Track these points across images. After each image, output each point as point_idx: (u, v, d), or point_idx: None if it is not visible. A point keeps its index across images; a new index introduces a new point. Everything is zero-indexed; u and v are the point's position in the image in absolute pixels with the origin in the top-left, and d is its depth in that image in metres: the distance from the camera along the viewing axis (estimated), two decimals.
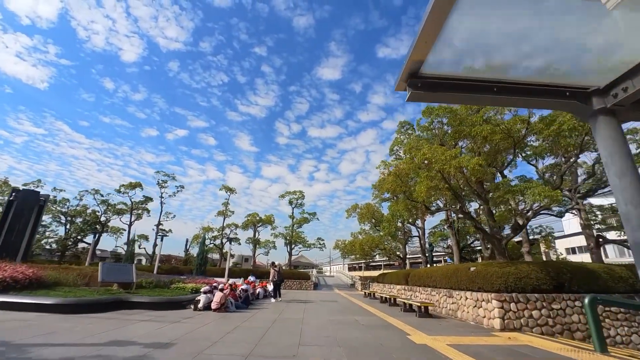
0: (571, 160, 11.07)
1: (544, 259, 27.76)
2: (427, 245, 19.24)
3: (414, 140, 12.55)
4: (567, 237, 28.95)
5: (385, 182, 13.53)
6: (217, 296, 10.15)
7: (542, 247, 25.53)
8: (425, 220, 21.03)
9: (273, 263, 16.59)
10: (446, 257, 29.08)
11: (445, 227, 16.72)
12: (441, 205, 15.68)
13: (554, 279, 9.06)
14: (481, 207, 13.96)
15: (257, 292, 16.27)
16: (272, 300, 15.68)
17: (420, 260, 54.80)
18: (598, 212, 17.04)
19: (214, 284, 11.31)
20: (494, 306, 8.51)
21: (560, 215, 12.22)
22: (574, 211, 14.15)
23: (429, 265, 19.55)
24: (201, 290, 10.79)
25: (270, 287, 17.32)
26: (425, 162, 9.92)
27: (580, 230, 27.84)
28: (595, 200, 18.23)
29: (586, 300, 6.42)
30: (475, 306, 9.40)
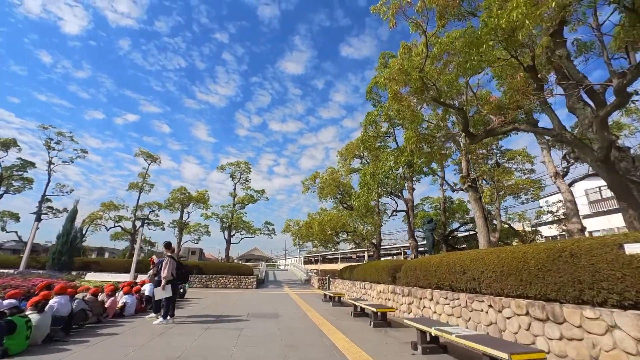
0: None
1: None
2: (425, 224, 12.83)
3: None
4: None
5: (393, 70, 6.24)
6: None
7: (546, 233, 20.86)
8: (413, 190, 14.52)
9: (169, 245, 8.63)
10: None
11: (462, 188, 10.54)
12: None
13: None
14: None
15: (120, 303, 8.44)
16: (152, 317, 8.00)
17: (393, 251, 49.58)
18: None
19: None
20: None
21: None
22: None
23: (424, 255, 13.24)
24: None
25: (147, 289, 9.49)
26: None
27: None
28: None
29: None
30: None
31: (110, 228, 25.84)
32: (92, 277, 20.41)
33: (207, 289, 20.87)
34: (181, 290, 13.83)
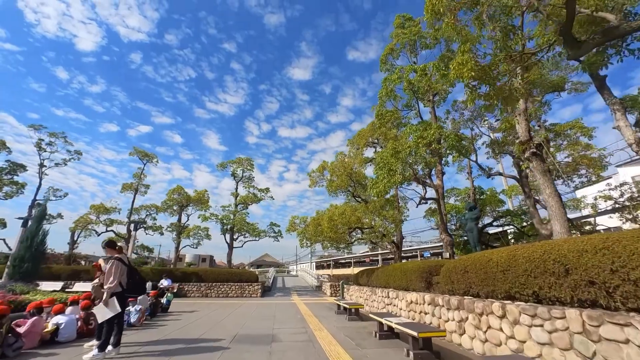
0: None
1: None
2: (466, 212, 10.10)
3: None
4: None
5: None
6: None
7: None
8: (443, 174, 11.67)
9: (112, 243, 6.04)
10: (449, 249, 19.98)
11: (522, 159, 7.84)
12: None
13: None
14: None
15: (50, 326, 6.10)
16: (90, 346, 5.62)
17: (407, 254, 45.81)
18: None
19: None
20: None
21: None
22: None
23: (462, 254, 10.57)
24: None
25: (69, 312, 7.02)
26: None
27: None
28: None
29: None
30: None
31: (102, 233, 23.94)
32: (81, 287, 18.37)
33: (206, 298, 18.60)
34: (164, 302, 11.50)
